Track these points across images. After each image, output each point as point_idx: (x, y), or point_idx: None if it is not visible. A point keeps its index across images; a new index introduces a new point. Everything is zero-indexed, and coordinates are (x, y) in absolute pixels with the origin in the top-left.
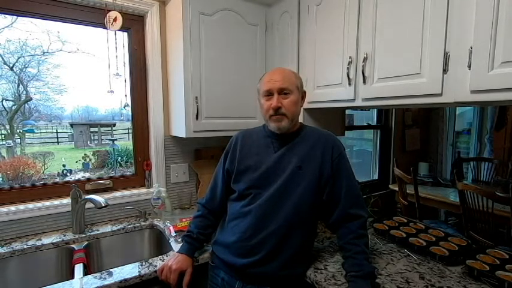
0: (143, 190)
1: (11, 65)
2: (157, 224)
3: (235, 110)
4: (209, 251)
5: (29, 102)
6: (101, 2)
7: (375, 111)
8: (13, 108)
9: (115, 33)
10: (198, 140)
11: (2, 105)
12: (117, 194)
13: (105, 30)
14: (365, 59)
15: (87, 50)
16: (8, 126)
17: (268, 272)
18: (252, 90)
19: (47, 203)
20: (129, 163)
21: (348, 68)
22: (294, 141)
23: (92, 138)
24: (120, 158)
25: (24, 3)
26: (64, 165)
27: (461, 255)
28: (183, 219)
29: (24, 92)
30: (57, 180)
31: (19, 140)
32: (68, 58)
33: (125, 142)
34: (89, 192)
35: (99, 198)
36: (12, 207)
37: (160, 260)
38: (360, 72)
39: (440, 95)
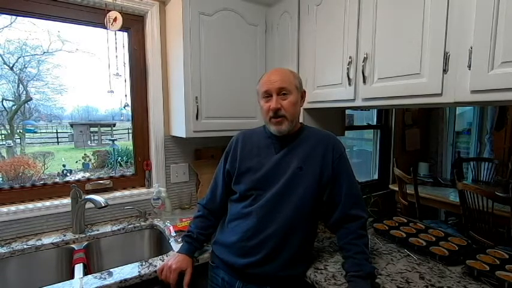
0: (143, 190)
1: (11, 65)
2: (157, 224)
3: (235, 110)
4: (209, 251)
5: (29, 102)
6: (101, 2)
7: (375, 111)
8: (13, 108)
9: (115, 33)
10: (198, 140)
11: (2, 105)
12: (117, 194)
13: (105, 30)
14: (365, 59)
15: (87, 50)
16: (8, 126)
17: (269, 272)
18: (252, 90)
19: (47, 203)
20: (129, 163)
21: (348, 68)
22: (295, 142)
23: (92, 138)
24: (120, 158)
25: (24, 3)
26: (64, 165)
27: (461, 255)
28: (183, 219)
29: (24, 92)
30: (57, 180)
31: (19, 140)
32: (68, 58)
33: (125, 142)
34: (89, 192)
35: (99, 198)
36: (12, 207)
37: (160, 260)
38: (360, 72)
39: (440, 95)
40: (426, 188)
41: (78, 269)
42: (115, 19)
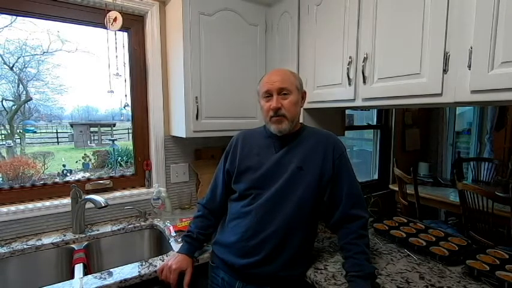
0: (143, 190)
1: (11, 65)
2: (157, 224)
3: (235, 110)
4: (209, 251)
5: (29, 102)
6: (101, 2)
7: (375, 111)
8: (13, 108)
9: (115, 33)
10: (198, 140)
11: (2, 105)
12: (117, 194)
13: (105, 30)
14: (365, 59)
15: (87, 49)
16: (8, 126)
17: (269, 272)
18: (252, 90)
19: (47, 203)
20: (129, 163)
21: (348, 68)
22: (295, 141)
23: (92, 138)
24: (120, 158)
25: (24, 3)
26: (64, 165)
27: (461, 255)
28: (183, 219)
29: (24, 92)
30: (57, 180)
31: (19, 140)
32: (67, 58)
33: (125, 142)
34: (89, 192)
35: (99, 198)
36: (12, 207)
37: (160, 260)
38: (360, 72)
39: (440, 95)
40: (426, 188)
41: (78, 269)
42: (115, 19)
